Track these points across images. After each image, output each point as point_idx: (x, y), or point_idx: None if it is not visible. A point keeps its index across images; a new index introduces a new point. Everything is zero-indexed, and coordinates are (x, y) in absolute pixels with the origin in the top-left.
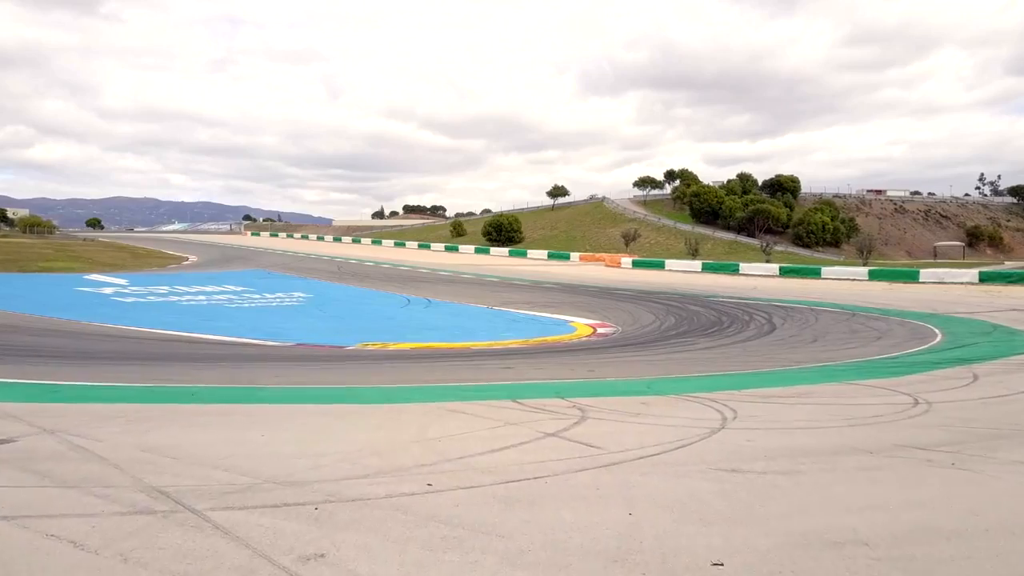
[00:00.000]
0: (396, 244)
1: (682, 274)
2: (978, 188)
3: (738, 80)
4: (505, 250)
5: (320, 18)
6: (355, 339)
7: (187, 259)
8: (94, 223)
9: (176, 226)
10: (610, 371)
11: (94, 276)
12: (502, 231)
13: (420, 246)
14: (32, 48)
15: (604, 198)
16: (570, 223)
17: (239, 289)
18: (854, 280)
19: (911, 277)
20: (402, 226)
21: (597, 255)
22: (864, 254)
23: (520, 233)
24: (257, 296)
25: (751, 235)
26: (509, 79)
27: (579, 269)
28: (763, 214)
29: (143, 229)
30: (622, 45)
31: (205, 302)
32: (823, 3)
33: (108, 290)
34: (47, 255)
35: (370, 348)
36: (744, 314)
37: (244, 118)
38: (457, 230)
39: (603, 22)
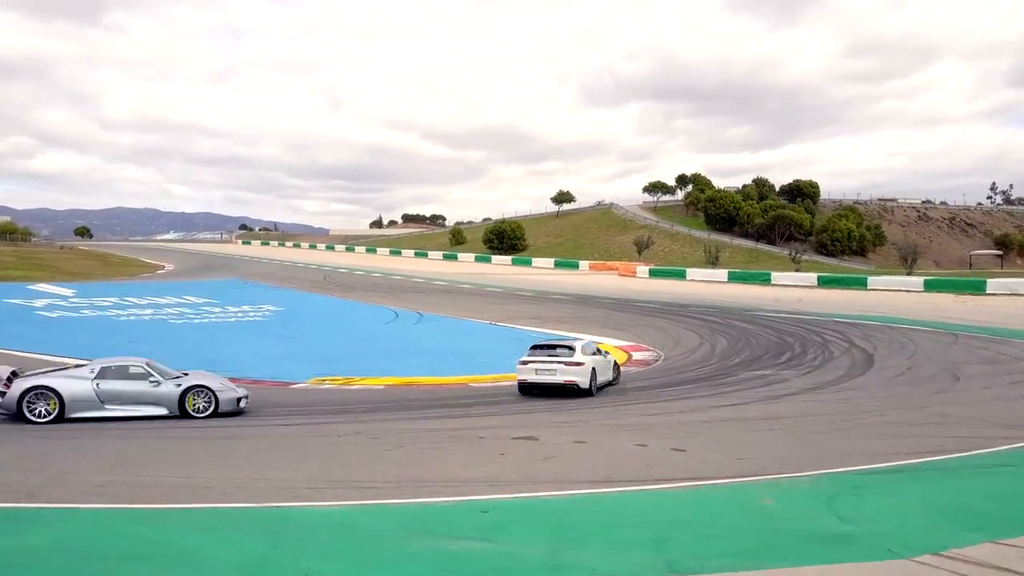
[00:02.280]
0: (391, 252)
1: (707, 284)
2: (990, 198)
3: (739, 91)
4: (508, 258)
5: (322, 29)
6: (311, 370)
7: (163, 268)
8: (82, 232)
9: (171, 235)
10: (698, 450)
11: (41, 286)
12: (504, 238)
13: (416, 254)
14: (34, 58)
15: (612, 204)
16: (576, 230)
17: (200, 302)
18: (909, 291)
19: (976, 288)
20: (400, 235)
21: (609, 263)
22: (909, 263)
23: (523, 241)
24: (217, 310)
25: (771, 243)
26: (510, 90)
27: (590, 278)
28: (784, 220)
29: (139, 238)
30: (623, 56)
31: (148, 317)
32: (824, 14)
33: (41, 302)
34: (7, 263)
35: (324, 385)
36: (811, 334)
37: (245, 129)
38: (456, 238)
39: (604, 33)
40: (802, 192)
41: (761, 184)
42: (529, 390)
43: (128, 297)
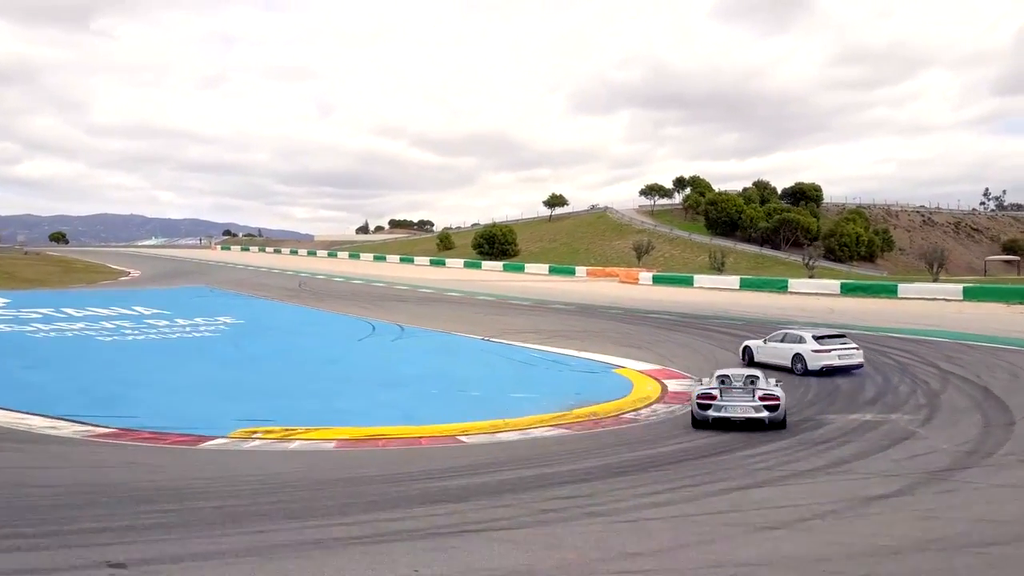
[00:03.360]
0: (375, 258)
1: (717, 292)
2: (983, 203)
3: (728, 99)
4: (499, 264)
5: (313, 36)
6: (245, 411)
7: (128, 274)
8: (59, 237)
9: (153, 241)
10: None
11: None
12: (495, 243)
13: (402, 260)
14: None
15: (607, 208)
16: (570, 235)
17: (148, 313)
18: (948, 300)
19: (1021, 296)
20: (385, 240)
21: (608, 269)
22: (935, 269)
23: (515, 246)
24: (163, 323)
25: (776, 247)
26: (501, 97)
27: (589, 286)
28: (791, 224)
29: (120, 244)
30: (613, 64)
31: (73, 333)
32: (813, 22)
33: None
34: None
35: (251, 442)
36: (878, 356)
37: (235, 135)
38: (444, 243)
39: (595, 41)
40: (805, 195)
41: (762, 187)
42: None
43: (65, 308)
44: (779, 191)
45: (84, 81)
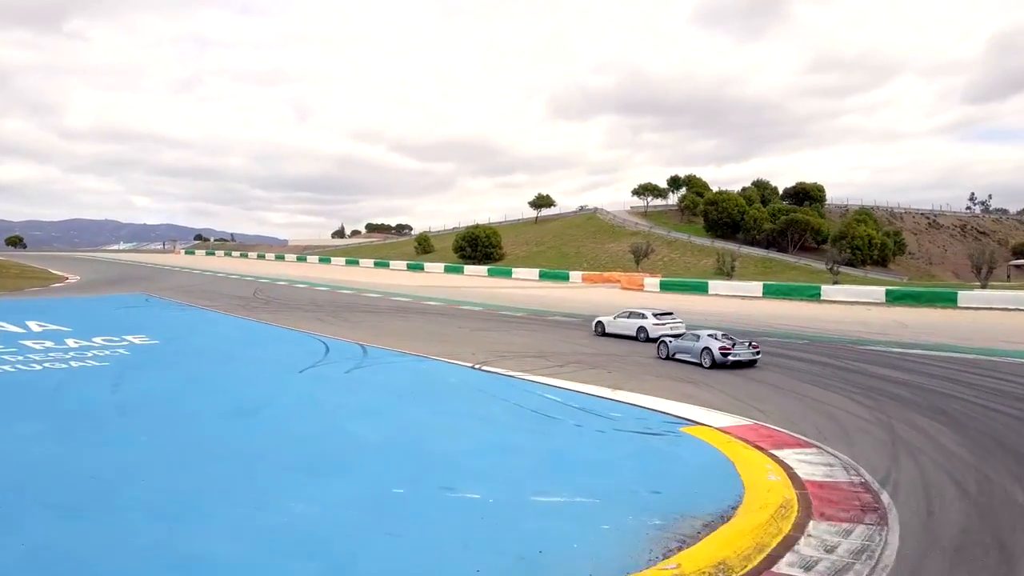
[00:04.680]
0: (348, 262)
1: (739, 301)
2: (968, 208)
3: (705, 105)
4: (483, 269)
5: (289, 39)
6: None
7: (67, 279)
8: (15, 241)
9: (122, 246)
10: None
11: None
12: (478, 246)
13: (376, 265)
14: None
15: (597, 209)
16: (559, 237)
17: (40, 330)
18: (1019, 309)
19: None
20: (360, 244)
21: (606, 274)
22: (983, 274)
23: (500, 249)
24: (45, 345)
25: (782, 250)
26: (479, 102)
27: (587, 293)
28: (799, 226)
29: (88, 249)
30: (591, 70)
31: None
32: (787, 30)
33: None
34: None
35: None
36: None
37: (210, 140)
38: (423, 246)
39: (572, 46)
40: (808, 196)
41: (762, 187)
42: None
43: None
44: (780, 191)
45: (56, 84)
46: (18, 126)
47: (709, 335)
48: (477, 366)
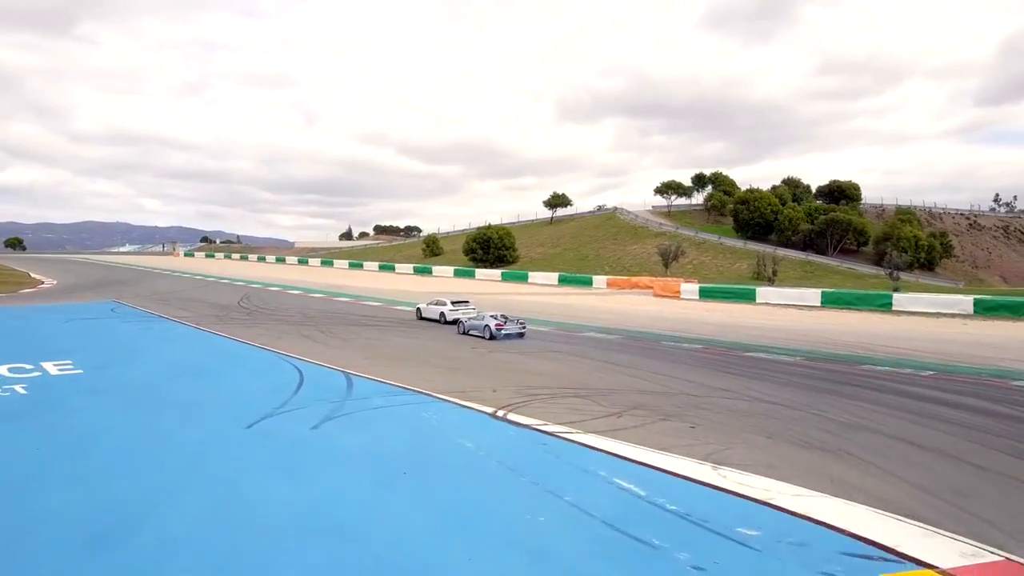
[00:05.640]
0: (351, 265)
1: (794, 311)
2: (993, 209)
3: (712, 108)
4: (496, 272)
5: (295, 43)
6: None
7: (41, 284)
8: (14, 243)
9: (127, 248)
10: None
11: None
12: (490, 248)
13: (381, 268)
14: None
15: (616, 208)
16: (576, 238)
17: None
18: None
19: None
20: (367, 246)
21: (634, 279)
22: None
23: (514, 251)
24: None
25: (821, 252)
26: (485, 105)
27: (616, 301)
28: (839, 226)
29: (93, 251)
30: (598, 73)
31: None
32: (796, 32)
33: None
34: None
35: None
36: None
37: (218, 142)
38: (431, 248)
39: (580, 49)
40: (844, 194)
41: (794, 185)
42: None
43: None
44: (814, 190)
45: (65, 87)
46: (28, 129)
47: (491, 316)
48: (501, 413)
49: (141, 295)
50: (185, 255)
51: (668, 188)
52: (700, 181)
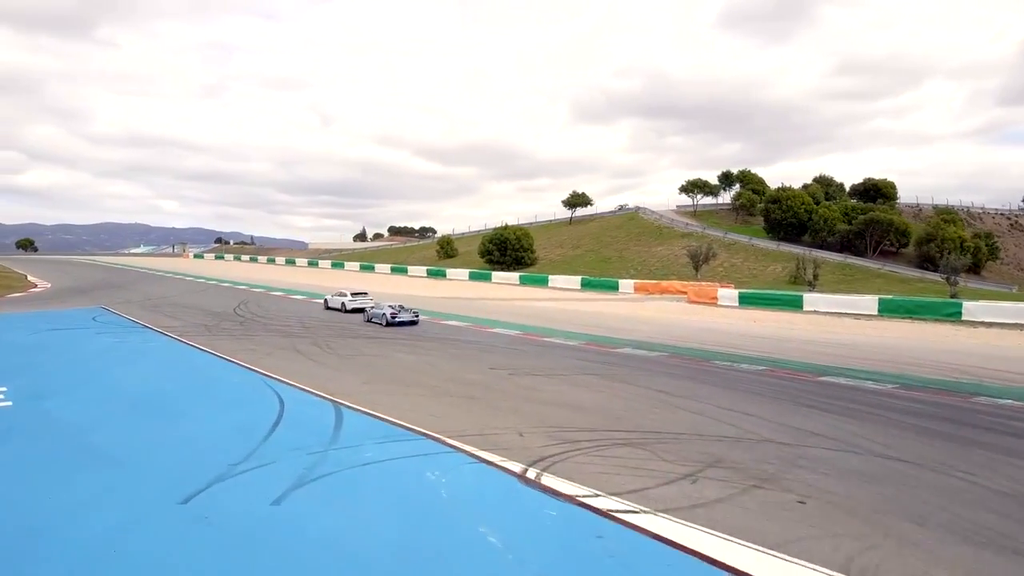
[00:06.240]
0: (363, 268)
1: (850, 321)
2: (1022, 209)
3: (729, 109)
4: (513, 275)
5: (312, 46)
6: None
7: (33, 288)
8: (25, 244)
9: (141, 249)
10: None
11: None
12: (507, 249)
13: (393, 270)
14: (23, 73)
15: (639, 208)
16: (597, 239)
17: None
18: None
19: None
20: (380, 247)
21: (664, 284)
22: None
23: (532, 253)
24: None
25: (859, 253)
26: (501, 107)
27: (647, 308)
28: (878, 226)
29: (107, 252)
30: (614, 74)
31: None
32: (814, 33)
33: None
34: None
35: None
36: None
37: (234, 144)
38: (446, 250)
39: (596, 51)
40: (880, 192)
41: (826, 183)
42: None
43: None
44: (847, 188)
45: (86, 90)
46: (49, 132)
47: (388, 305)
48: (533, 474)
49: (132, 301)
50: (195, 257)
51: (694, 187)
52: (727, 179)
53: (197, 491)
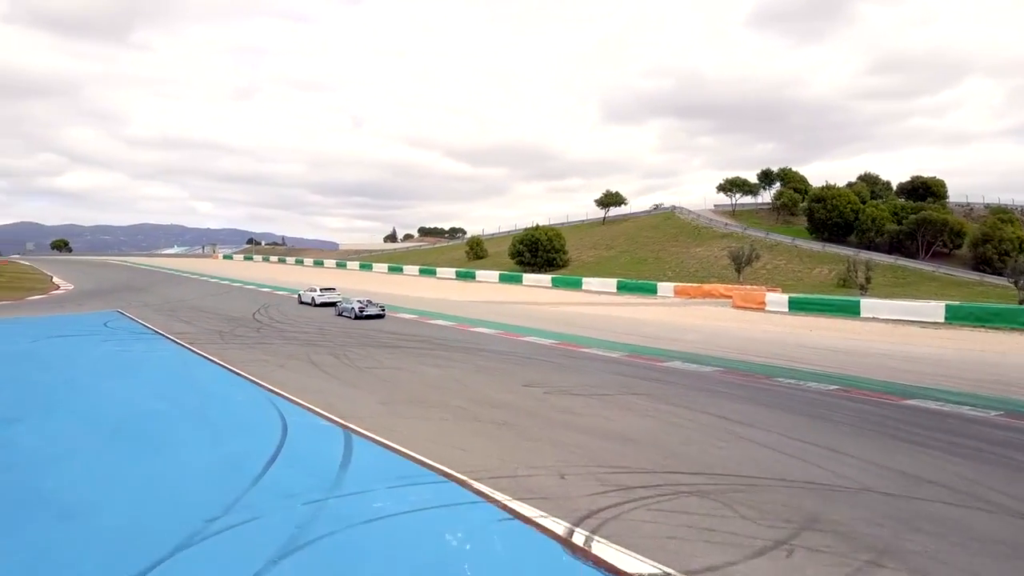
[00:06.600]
0: (390, 269)
1: (915, 330)
2: None
3: (762, 108)
4: (545, 278)
5: (342, 47)
6: None
7: (53, 291)
8: (60, 245)
9: (175, 250)
10: None
11: None
12: (539, 251)
13: (422, 272)
14: (63, 77)
15: (675, 207)
16: (632, 240)
17: None
18: None
19: None
20: (409, 248)
21: (706, 287)
22: None
23: (564, 254)
24: None
25: (910, 255)
26: (531, 108)
27: (691, 315)
28: (931, 226)
29: (141, 253)
30: (645, 73)
31: None
32: (850, 31)
33: None
34: None
35: None
36: None
37: (267, 146)
38: (475, 251)
39: (626, 50)
40: (929, 191)
41: (871, 181)
42: None
43: None
44: (894, 187)
45: (122, 93)
46: (88, 135)
47: (357, 300)
48: (581, 538)
49: (150, 304)
50: (224, 258)
51: (732, 185)
52: (767, 178)
53: (154, 563)
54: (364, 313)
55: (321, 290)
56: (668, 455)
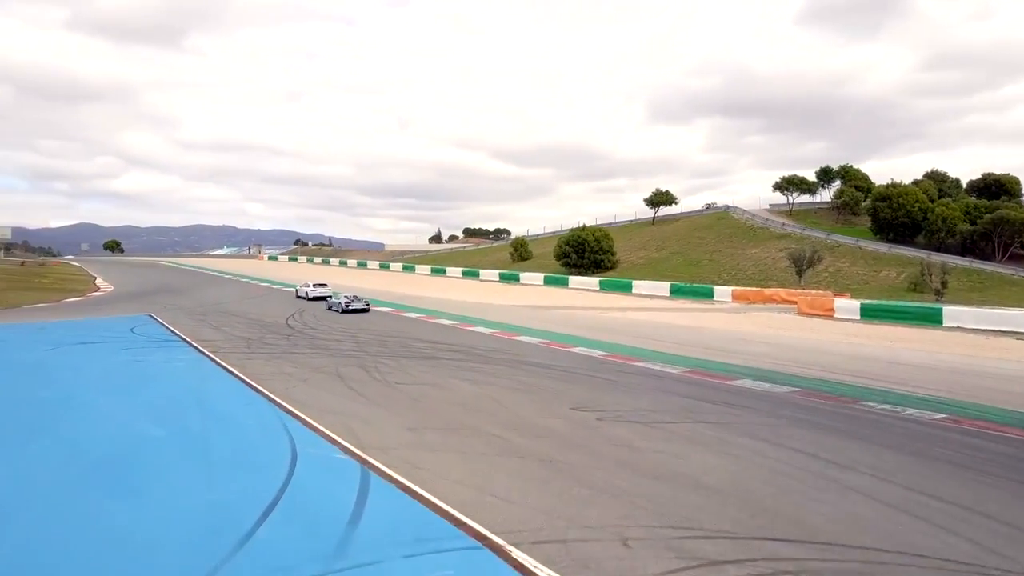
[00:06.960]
0: (433, 271)
1: (1016, 343)
2: None
3: (813, 107)
4: (593, 280)
5: (391, 49)
6: None
7: (93, 292)
8: (112, 246)
9: (224, 251)
10: None
11: None
12: (585, 252)
13: (465, 274)
14: (120, 82)
15: (728, 207)
16: (683, 241)
17: None
18: None
19: None
20: (453, 250)
21: (767, 292)
22: None
23: (612, 255)
24: None
25: (984, 257)
26: (577, 107)
27: (753, 322)
28: (1009, 227)
29: (191, 254)
30: (693, 72)
31: None
32: (905, 26)
33: None
34: None
35: None
36: None
37: (317, 148)
38: (519, 252)
39: (673, 49)
40: (1003, 189)
41: (939, 179)
42: None
43: None
44: (964, 185)
45: (176, 97)
46: (144, 138)
47: (344, 296)
48: None
49: (183, 307)
50: (269, 259)
51: (789, 184)
52: (826, 176)
53: None
54: (350, 308)
55: (314, 285)
56: (757, 512)
